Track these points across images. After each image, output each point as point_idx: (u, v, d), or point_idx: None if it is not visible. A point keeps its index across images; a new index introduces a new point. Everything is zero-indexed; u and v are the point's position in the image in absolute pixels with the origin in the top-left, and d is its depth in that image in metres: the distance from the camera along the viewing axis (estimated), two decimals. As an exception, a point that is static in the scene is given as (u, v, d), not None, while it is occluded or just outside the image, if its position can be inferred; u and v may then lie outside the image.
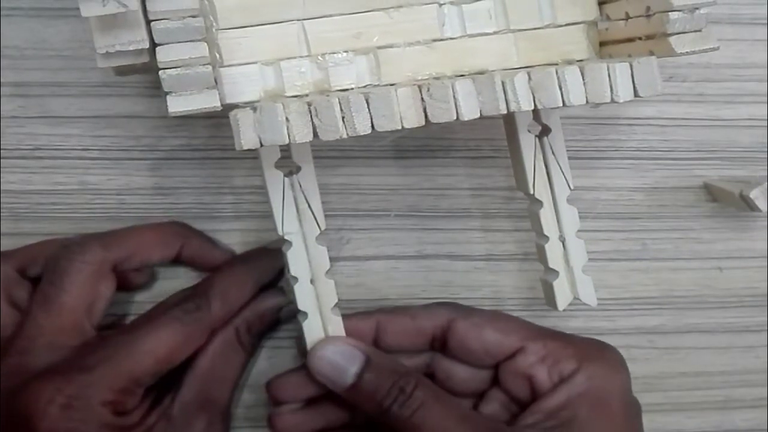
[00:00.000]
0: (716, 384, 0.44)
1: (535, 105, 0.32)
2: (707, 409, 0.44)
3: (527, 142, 0.38)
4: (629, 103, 0.33)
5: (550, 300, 0.39)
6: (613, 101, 0.33)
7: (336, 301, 0.37)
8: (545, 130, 0.38)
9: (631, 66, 0.33)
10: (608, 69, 0.32)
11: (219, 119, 0.40)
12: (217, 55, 0.33)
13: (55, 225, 0.40)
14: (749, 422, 0.44)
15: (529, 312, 0.43)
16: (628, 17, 0.35)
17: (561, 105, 0.32)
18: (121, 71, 0.33)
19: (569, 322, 0.43)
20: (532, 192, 0.38)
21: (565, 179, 0.38)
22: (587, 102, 0.32)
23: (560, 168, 0.38)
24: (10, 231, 0.40)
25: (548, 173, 0.38)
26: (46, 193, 0.40)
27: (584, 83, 0.32)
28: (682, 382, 0.44)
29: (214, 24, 0.33)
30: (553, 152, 0.38)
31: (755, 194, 0.40)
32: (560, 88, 0.32)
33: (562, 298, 0.39)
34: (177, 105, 0.31)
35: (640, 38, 0.34)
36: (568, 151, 0.38)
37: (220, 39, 0.33)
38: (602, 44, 0.36)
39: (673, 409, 0.44)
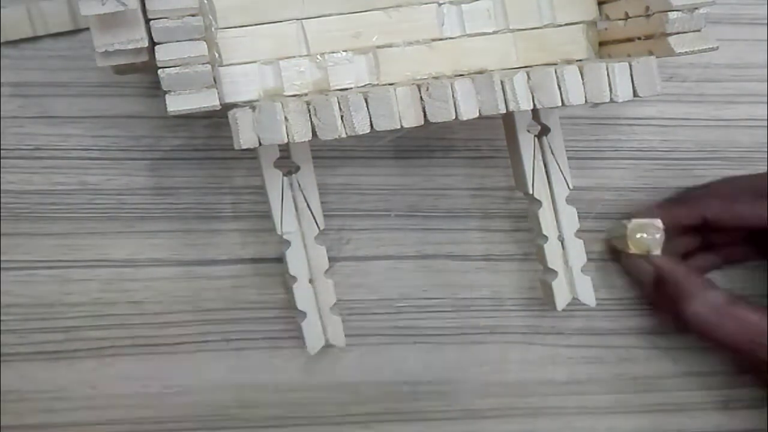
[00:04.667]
0: (716, 384, 0.44)
1: (534, 105, 0.32)
2: (707, 409, 0.44)
3: (526, 142, 0.38)
4: (629, 103, 0.33)
5: (549, 300, 0.39)
6: (612, 101, 0.33)
7: (335, 300, 0.37)
8: (544, 130, 0.38)
9: (630, 66, 0.33)
10: (607, 69, 0.32)
11: (218, 119, 0.40)
12: (216, 55, 0.33)
13: (55, 225, 0.40)
14: (749, 422, 0.44)
15: (529, 312, 0.43)
16: (627, 17, 0.35)
17: (560, 105, 0.32)
18: (120, 70, 0.33)
19: (569, 322, 0.43)
20: (531, 192, 0.38)
21: (564, 179, 0.38)
22: (586, 102, 0.33)
23: (559, 168, 0.38)
24: (10, 231, 0.40)
25: (547, 173, 0.38)
26: (46, 193, 0.40)
27: (583, 83, 0.32)
28: (682, 382, 0.44)
29: (214, 23, 0.33)
30: (552, 152, 0.38)
31: None
32: (559, 88, 0.32)
33: (561, 298, 0.39)
34: (176, 104, 0.31)
35: (639, 38, 0.34)
36: (567, 151, 0.38)
37: (220, 38, 0.33)
38: (601, 44, 0.36)
39: (674, 409, 0.44)
